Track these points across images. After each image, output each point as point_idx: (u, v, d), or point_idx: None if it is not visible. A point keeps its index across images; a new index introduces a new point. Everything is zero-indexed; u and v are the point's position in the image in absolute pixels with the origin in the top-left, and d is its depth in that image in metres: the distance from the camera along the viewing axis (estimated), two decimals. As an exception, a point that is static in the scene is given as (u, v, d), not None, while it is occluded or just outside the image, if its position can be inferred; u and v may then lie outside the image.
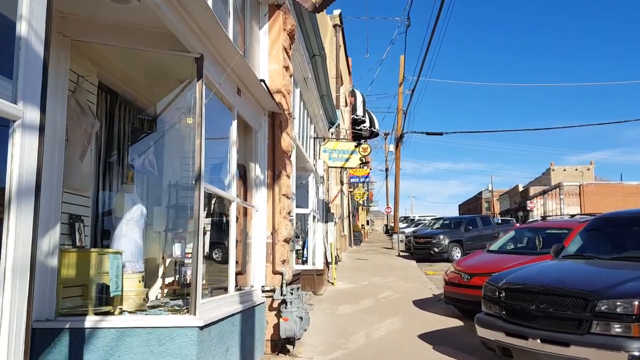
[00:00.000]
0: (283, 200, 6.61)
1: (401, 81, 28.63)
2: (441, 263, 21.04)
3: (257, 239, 6.37)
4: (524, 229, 11.02)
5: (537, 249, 9.77)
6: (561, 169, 71.11)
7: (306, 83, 9.73)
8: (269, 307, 6.37)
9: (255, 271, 6.32)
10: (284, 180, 6.64)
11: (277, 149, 6.57)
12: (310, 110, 11.38)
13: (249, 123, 6.17)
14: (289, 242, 6.91)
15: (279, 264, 6.44)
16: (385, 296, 12.05)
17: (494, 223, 23.85)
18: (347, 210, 27.53)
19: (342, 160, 11.57)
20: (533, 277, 5.98)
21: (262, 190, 6.46)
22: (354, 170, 24.42)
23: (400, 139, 27.34)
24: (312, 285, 11.52)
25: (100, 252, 4.06)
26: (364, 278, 15.65)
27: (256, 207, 6.37)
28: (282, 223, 6.55)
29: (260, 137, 6.51)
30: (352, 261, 20.86)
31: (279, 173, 6.56)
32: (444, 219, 25.57)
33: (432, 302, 11.14)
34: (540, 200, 60.53)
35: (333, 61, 21.76)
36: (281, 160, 6.62)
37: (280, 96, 6.62)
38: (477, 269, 9.27)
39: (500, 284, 6.10)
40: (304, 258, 11.78)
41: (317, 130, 12.74)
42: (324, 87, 11.30)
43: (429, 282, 15.31)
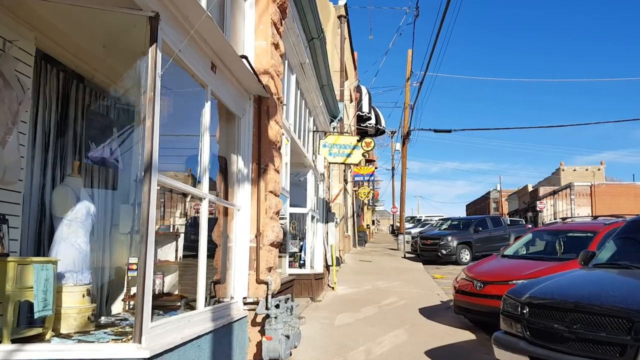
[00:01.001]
0: (270, 198, 5.72)
1: (409, 76, 27.68)
2: (449, 266, 20.10)
3: (238, 242, 5.49)
4: (543, 231, 10.06)
5: (558, 254, 8.83)
6: (571, 169, 69.93)
7: (303, 70, 8.83)
8: (252, 322, 5.48)
9: (236, 280, 5.44)
10: (271, 175, 5.75)
11: (263, 138, 5.69)
12: (309, 100, 10.48)
13: (229, 108, 5.29)
14: (277, 246, 6.02)
15: (264, 271, 5.56)
16: (389, 303, 11.14)
17: (505, 224, 22.83)
18: (352, 209, 26.61)
19: (343, 156, 10.68)
20: (562, 290, 5.05)
21: (246, 187, 5.58)
22: (358, 169, 23.50)
23: (407, 136, 26.39)
24: (310, 291, 10.64)
25: (21, 262, 3.18)
26: (367, 282, 14.74)
27: (238, 206, 5.48)
28: (269, 224, 5.66)
29: (244, 124, 5.63)
30: (355, 263, 19.95)
31: (265, 167, 5.67)
32: (452, 220, 24.60)
33: (441, 310, 10.21)
34: (550, 201, 59.35)
35: (337, 54, 20.86)
36: (268, 151, 5.74)
37: (268, 78, 5.73)
38: (491, 277, 8.34)
39: (523, 298, 5.17)
40: (301, 261, 10.90)
41: (317, 123, 11.84)
42: (324, 76, 10.39)
43: (436, 287, 14.37)
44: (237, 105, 5.43)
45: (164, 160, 5.68)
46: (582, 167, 71.22)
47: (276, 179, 5.92)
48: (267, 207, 5.64)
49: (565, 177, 66.45)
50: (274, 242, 5.77)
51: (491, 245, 21.32)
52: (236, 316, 5.11)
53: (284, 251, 8.10)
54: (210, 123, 5.66)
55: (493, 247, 21.28)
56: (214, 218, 5.59)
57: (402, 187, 26.72)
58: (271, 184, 5.73)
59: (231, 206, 5.43)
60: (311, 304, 10.34)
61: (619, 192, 55.96)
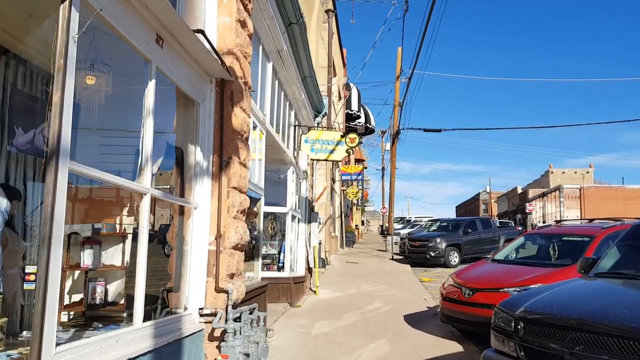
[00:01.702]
0: (233, 195, 5.04)
1: (398, 74, 27.06)
2: (437, 268, 19.51)
3: (196, 245, 4.81)
4: (536, 235, 9.46)
5: (552, 260, 8.24)
6: (560, 172, 69.89)
7: (281, 57, 8.16)
8: (210, 337, 4.80)
9: (192, 288, 4.76)
10: (235, 169, 5.07)
11: (226, 127, 5.01)
12: (290, 92, 9.80)
13: (184, 91, 4.61)
14: (242, 249, 5.34)
15: (224, 278, 4.88)
16: (373, 309, 10.50)
17: (495, 226, 22.29)
18: (339, 209, 25.96)
19: (326, 152, 10.03)
20: (563, 304, 4.43)
21: (205, 182, 4.90)
22: (346, 167, 22.84)
23: (396, 135, 25.78)
24: (289, 296, 9.97)
25: None
26: (352, 285, 14.10)
27: (194, 204, 4.80)
28: (231, 225, 4.98)
29: (204, 111, 4.95)
30: (341, 265, 19.31)
31: (228, 159, 5.00)
32: (441, 221, 24.03)
33: (427, 318, 9.59)
34: (540, 203, 59.18)
35: (324, 49, 20.20)
36: (232, 142, 5.06)
37: (233, 59, 5.05)
38: (480, 283, 7.72)
39: (517, 311, 4.55)
40: (280, 264, 10.22)
41: (299, 118, 11.17)
42: (306, 67, 9.72)
43: (423, 291, 13.76)
44: (194, 88, 4.75)
45: (117, 159, 4.99)
46: (571, 169, 71.21)
47: (241, 173, 5.24)
48: (230, 205, 4.96)
49: (554, 179, 66.40)
50: (237, 245, 5.09)
51: (480, 247, 20.78)
52: (188, 330, 4.43)
53: (257, 254, 7.42)
54: (165, 108, 4.98)
55: (482, 250, 20.75)
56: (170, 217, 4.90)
57: (391, 187, 26.10)
58: (235, 179, 5.05)
59: (185, 204, 4.75)
60: (289, 310, 9.67)
61: (608, 195, 55.85)
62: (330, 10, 20.61)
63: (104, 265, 4.76)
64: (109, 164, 4.82)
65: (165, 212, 6.04)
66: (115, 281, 4.81)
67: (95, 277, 4.67)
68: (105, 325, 4.29)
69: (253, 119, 6.71)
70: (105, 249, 4.80)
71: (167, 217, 5.94)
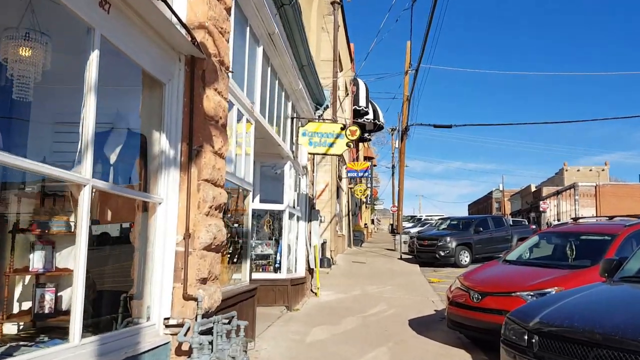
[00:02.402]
0: (205, 188, 4.44)
1: (407, 69, 26.31)
2: (447, 268, 18.79)
3: (161, 246, 4.21)
4: (551, 233, 8.75)
5: (569, 260, 7.54)
6: (575, 170, 68.77)
7: (273, 42, 7.54)
8: (177, 350, 4.20)
9: (157, 295, 4.17)
10: (207, 159, 4.47)
11: (196, 111, 4.40)
12: (286, 82, 9.18)
13: (145, 69, 4.02)
14: (217, 250, 4.73)
15: (194, 284, 4.28)
16: (376, 312, 9.85)
17: (508, 224, 21.49)
18: (347, 208, 25.31)
19: (325, 146, 9.40)
20: (585, 314, 3.77)
21: (172, 174, 4.30)
22: (352, 164, 22.19)
23: (405, 131, 25.06)
24: (286, 299, 9.36)
25: None
26: (357, 286, 13.46)
27: (159, 199, 4.20)
28: (202, 223, 4.37)
29: (171, 93, 4.35)
30: (347, 265, 18.67)
31: (199, 148, 4.39)
32: (451, 219, 23.27)
33: (434, 322, 8.93)
34: (554, 201, 58.09)
35: (330, 42, 19.56)
36: (204, 128, 4.45)
37: (204, 33, 4.44)
38: (490, 286, 7.05)
39: (531, 323, 3.90)
40: (276, 265, 9.62)
41: (297, 110, 10.55)
42: (303, 54, 9.10)
43: (431, 292, 13.09)
44: (158, 66, 4.15)
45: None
46: (585, 167, 70.04)
47: (216, 164, 4.63)
48: (201, 200, 4.36)
49: (568, 177, 65.34)
50: (210, 246, 4.48)
51: (492, 246, 20.02)
52: (149, 345, 3.84)
53: (245, 254, 6.82)
54: (128, 90, 4.40)
55: (494, 249, 19.98)
56: (133, 214, 4.32)
57: (400, 185, 25.39)
58: (207, 170, 4.44)
59: (146, 198, 4.15)
60: (285, 314, 9.06)
61: (624, 193, 54.65)
62: (335, 2, 19.95)
63: (57, 268, 4.18)
64: (66, 154, 4.25)
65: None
66: (71, 287, 4.22)
67: (44, 282, 4.09)
68: (52, 338, 3.70)
69: (238, 106, 6.11)
70: (59, 250, 4.22)
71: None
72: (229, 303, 5.54)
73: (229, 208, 6.33)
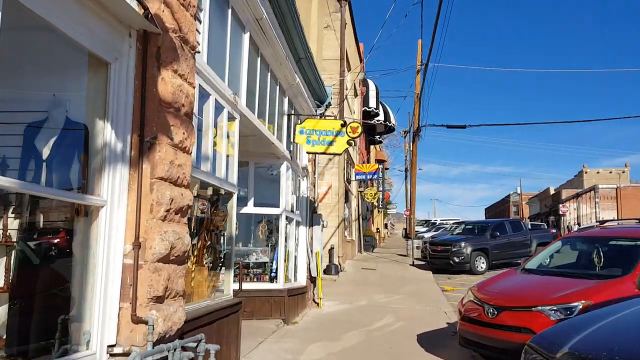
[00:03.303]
0: (161, 188, 3.70)
1: (419, 69, 25.49)
2: (462, 275, 17.88)
3: (104, 258, 3.48)
4: (576, 238, 7.86)
5: (597, 269, 6.69)
6: (594, 172, 67.32)
7: (262, 30, 6.82)
8: (123, 384, 3.46)
9: (99, 317, 3.43)
10: (163, 154, 3.73)
11: (149, 96, 3.68)
12: (280, 76, 8.45)
13: (84, 45, 3.29)
14: (178, 261, 3.99)
15: (145, 303, 3.54)
16: (382, 326, 9.04)
17: (526, 228, 20.45)
18: (357, 212, 24.49)
19: (324, 144, 8.65)
20: (627, 343, 2.94)
21: (118, 171, 3.58)
22: (360, 166, 21.36)
23: (417, 132, 24.20)
24: (282, 311, 8.59)
25: None
26: (364, 295, 12.65)
27: (100, 201, 3.47)
28: (156, 229, 3.64)
29: (118, 74, 3.63)
30: (356, 271, 17.84)
31: (152, 140, 3.66)
32: (466, 223, 22.33)
33: (445, 338, 8.11)
34: (574, 204, 56.62)
35: (337, 40, 18.85)
36: (160, 116, 3.72)
37: (160, 4, 3.72)
38: (508, 300, 6.21)
39: (558, 354, 3.09)
40: (272, 274, 8.87)
41: (295, 107, 9.81)
42: (299, 45, 8.36)
43: (444, 302, 12.23)
44: (101, 42, 3.43)
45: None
46: (605, 169, 68.51)
47: (176, 159, 3.89)
48: (154, 202, 3.62)
49: (588, 179, 63.95)
50: (167, 257, 3.74)
51: (510, 252, 19.05)
52: (81, 380, 3.10)
53: (227, 264, 6.07)
54: (69, 72, 3.70)
55: (512, 255, 19.03)
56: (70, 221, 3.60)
57: (412, 187, 24.50)
58: (163, 166, 3.70)
59: (78, 200, 3.42)
60: (281, 328, 8.29)
61: (646, 196, 53.01)
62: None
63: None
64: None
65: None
66: (-6, 307, 3.52)
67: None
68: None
69: (216, 97, 5.38)
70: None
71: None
72: (202, 322, 4.81)
73: (208, 211, 5.60)
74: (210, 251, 5.79)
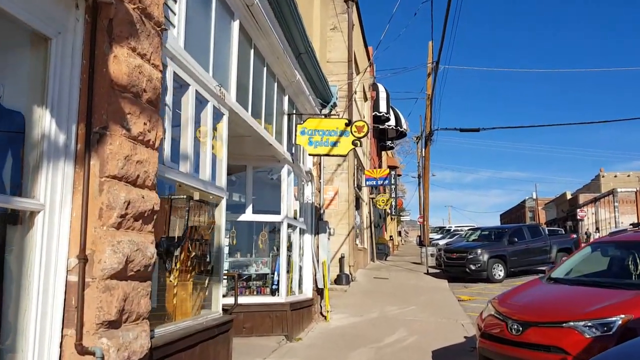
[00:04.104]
0: (113, 189, 3.06)
1: (430, 71, 24.75)
2: (479, 284, 17.02)
3: (41, 275, 2.83)
4: (607, 243, 7.07)
5: (634, 277, 5.92)
6: (612, 176, 65.88)
7: (254, 17, 6.20)
8: None
9: (38, 347, 2.78)
10: (117, 147, 3.09)
11: (99, 78, 3.05)
12: (279, 71, 7.82)
13: (18, 17, 2.67)
14: (142, 277, 3.33)
15: (95, 330, 2.89)
16: (393, 341, 8.30)
17: (546, 234, 19.51)
18: (368, 219, 23.74)
19: (327, 145, 7.98)
20: None
21: (61, 168, 2.95)
22: (370, 171, 20.63)
23: (429, 136, 23.44)
24: (285, 327, 7.90)
25: None
26: (375, 307, 11.89)
27: (35, 205, 2.84)
28: (108, 239, 2.99)
29: (62, 52, 3.01)
30: (368, 281, 17.07)
31: (102, 130, 3.02)
32: (482, 229, 21.45)
33: (463, 354, 7.37)
34: (592, 209, 55.23)
35: (344, 42, 18.26)
36: (111, 102, 3.08)
37: (111, -31, 3.09)
38: (534, 314, 5.45)
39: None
40: (274, 286, 8.18)
41: (297, 106, 9.17)
42: (299, 38, 7.73)
43: (461, 313, 11.44)
44: (39, 13, 2.82)
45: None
46: (623, 173, 67.00)
47: (134, 154, 3.24)
48: (105, 205, 2.98)
49: (605, 183, 62.59)
50: (122, 272, 3.09)
51: (529, 258, 18.16)
52: None
53: (216, 279, 5.40)
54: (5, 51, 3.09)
55: (531, 261, 18.13)
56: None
57: (425, 193, 23.69)
58: (116, 162, 3.06)
59: (4, 204, 2.78)
60: (283, 345, 7.59)
61: (667, 199, 51.59)
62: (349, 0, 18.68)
63: None
64: None
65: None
66: None
67: None
68: None
69: (197, 88, 4.76)
70: None
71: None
72: (180, 346, 4.15)
73: (191, 219, 4.95)
74: (195, 263, 5.14)
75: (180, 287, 4.95)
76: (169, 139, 4.19)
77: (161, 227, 4.85)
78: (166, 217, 4.63)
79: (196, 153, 4.88)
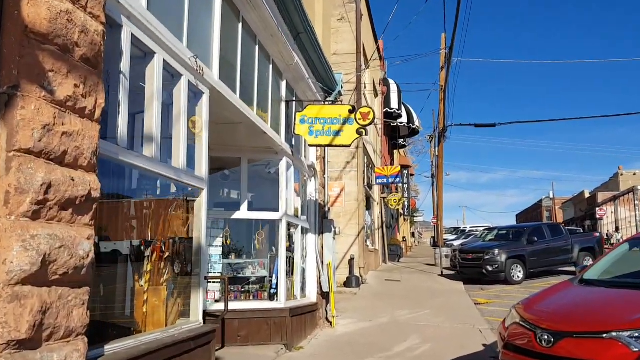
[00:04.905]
0: (24, 167, 2.34)
1: (442, 64, 23.89)
2: (497, 286, 16.13)
3: None
4: (647, 240, 6.22)
5: (682, 279, 5.08)
6: (631, 173, 64.25)
7: (242, -13, 5.48)
8: None
9: None
10: (33, 113, 2.38)
11: (9, 23, 2.34)
12: (274, 51, 7.10)
13: None
14: (73, 283, 2.61)
15: None
16: (404, 350, 7.51)
17: (567, 233, 18.51)
18: (380, 219, 22.92)
19: (329, 135, 7.22)
20: None
21: (-47, 138, 2.23)
22: (381, 169, 19.81)
23: (442, 133, 22.56)
24: (284, 335, 7.16)
25: None
26: (386, 311, 11.11)
27: None
28: (17, 233, 2.27)
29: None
30: (379, 284, 16.27)
31: (12, 91, 2.31)
32: (499, 229, 20.50)
33: (482, 365, 6.55)
34: (611, 207, 53.79)
35: (352, 33, 17.49)
36: (24, 54, 2.37)
37: None
38: (568, 322, 4.64)
39: None
40: (272, 290, 7.44)
41: (297, 93, 8.44)
42: (295, 14, 6.99)
43: (478, 317, 10.60)
44: None
45: None
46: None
47: (58, 125, 2.52)
48: (13, 188, 2.27)
49: (624, 181, 61.04)
50: (38, 275, 2.36)
51: (550, 259, 17.21)
52: None
53: (195, 283, 4.67)
54: None
55: (552, 262, 17.20)
56: None
57: (439, 192, 22.82)
58: (29, 132, 2.35)
59: None
60: (282, 355, 6.85)
61: (688, 196, 50.03)
62: (357, -11, 17.92)
63: None
64: None
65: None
66: None
67: None
68: None
69: (164, 56, 4.04)
70: None
71: None
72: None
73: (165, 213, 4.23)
74: (169, 265, 4.43)
75: (151, 292, 4.24)
76: (127, 115, 3.47)
77: (128, 222, 4.14)
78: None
79: (167, 136, 4.17)
